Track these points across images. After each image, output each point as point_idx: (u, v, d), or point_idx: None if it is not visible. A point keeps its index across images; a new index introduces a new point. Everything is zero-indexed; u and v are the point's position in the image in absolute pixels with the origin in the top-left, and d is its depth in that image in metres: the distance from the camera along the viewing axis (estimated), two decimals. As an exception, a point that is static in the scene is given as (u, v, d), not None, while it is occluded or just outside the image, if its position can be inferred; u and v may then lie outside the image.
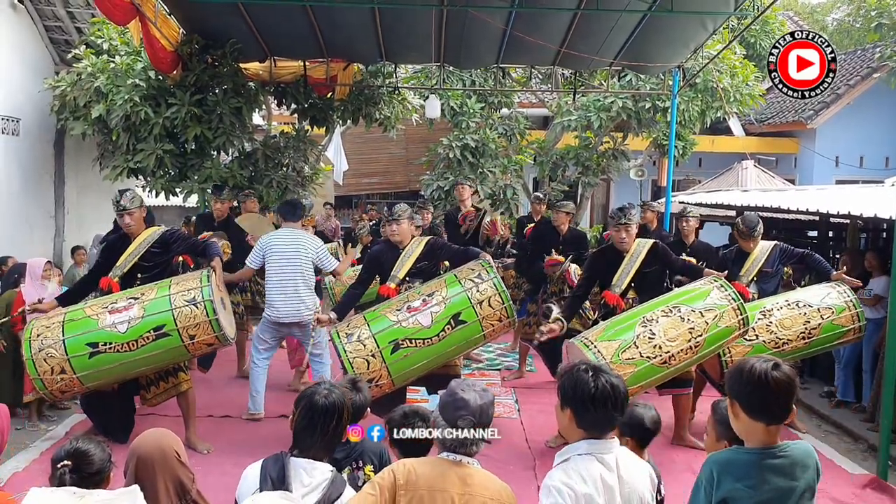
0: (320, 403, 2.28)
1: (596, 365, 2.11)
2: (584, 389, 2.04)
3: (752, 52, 14.26)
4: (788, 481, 2.04)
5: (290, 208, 5.68)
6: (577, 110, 10.42)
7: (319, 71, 8.49)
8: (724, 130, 14.35)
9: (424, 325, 4.38)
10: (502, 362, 7.51)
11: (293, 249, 5.40)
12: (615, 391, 2.04)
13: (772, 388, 2.03)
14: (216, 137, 7.55)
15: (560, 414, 2.11)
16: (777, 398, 2.04)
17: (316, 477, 2.23)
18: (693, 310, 4.39)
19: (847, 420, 6.63)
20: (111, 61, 7.79)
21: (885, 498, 4.42)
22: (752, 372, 2.03)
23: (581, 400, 2.04)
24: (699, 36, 7.39)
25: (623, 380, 2.12)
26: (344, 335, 4.42)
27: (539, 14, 7.02)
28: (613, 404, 2.04)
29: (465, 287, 4.51)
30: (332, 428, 2.30)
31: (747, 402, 2.06)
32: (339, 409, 2.31)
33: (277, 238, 5.51)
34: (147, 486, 2.31)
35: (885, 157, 13.38)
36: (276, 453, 2.33)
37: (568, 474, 2.02)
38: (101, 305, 4.42)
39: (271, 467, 2.24)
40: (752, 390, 2.03)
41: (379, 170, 14.58)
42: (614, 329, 4.38)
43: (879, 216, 5.73)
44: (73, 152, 9.42)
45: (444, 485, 2.15)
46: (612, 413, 2.05)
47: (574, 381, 2.07)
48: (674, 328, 4.30)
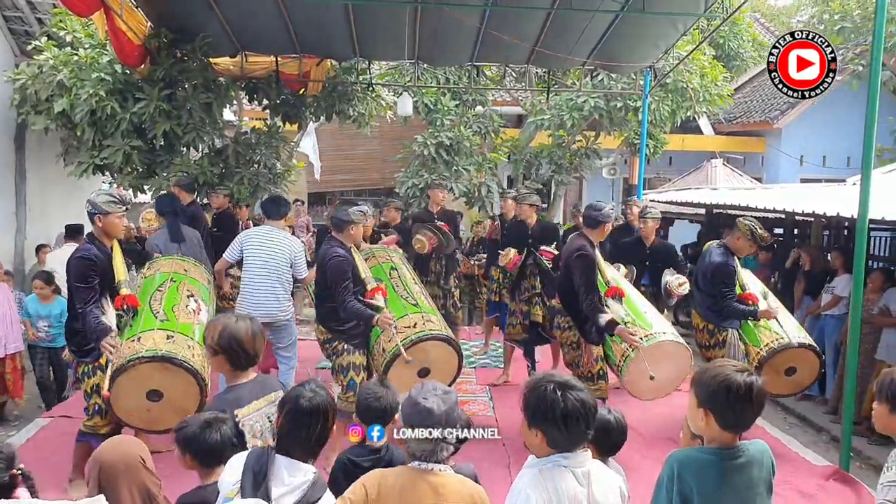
0: (305, 406, 2.25)
1: (562, 381, 2.03)
2: (553, 410, 1.97)
3: (721, 53, 14.53)
4: (747, 480, 2.11)
5: (273, 206, 5.52)
6: (551, 109, 10.48)
7: (292, 66, 8.39)
8: (693, 129, 14.57)
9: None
10: (477, 360, 7.53)
11: (273, 248, 5.27)
12: (585, 407, 1.99)
13: (752, 404, 2.05)
14: (186, 133, 7.40)
15: (528, 433, 2.04)
16: (754, 412, 2.09)
17: (297, 477, 2.21)
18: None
19: (811, 413, 6.82)
20: (75, 54, 7.56)
21: (847, 489, 4.53)
22: (736, 388, 2.02)
23: (552, 420, 1.98)
24: (670, 36, 7.49)
25: (590, 391, 2.07)
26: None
27: (513, 12, 7.04)
28: (585, 421, 1.99)
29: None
30: (317, 430, 2.27)
31: (722, 415, 2.07)
32: (325, 411, 2.29)
33: (257, 235, 5.39)
34: (111, 494, 2.28)
35: (847, 157, 13.72)
36: (263, 447, 2.32)
37: (538, 484, 1.99)
38: (183, 312, 4.32)
39: (255, 462, 2.22)
40: (732, 405, 2.04)
41: (353, 166, 14.49)
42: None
43: (842, 214, 5.89)
44: (35, 147, 9.13)
45: (417, 495, 2.14)
46: (584, 430, 2.01)
47: (542, 402, 2.00)
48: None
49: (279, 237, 5.34)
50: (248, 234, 5.48)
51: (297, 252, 5.37)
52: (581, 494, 2.00)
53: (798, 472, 4.78)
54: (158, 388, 3.94)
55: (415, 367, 4.53)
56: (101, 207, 4.07)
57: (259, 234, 5.41)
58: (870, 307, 6.26)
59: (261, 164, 8.46)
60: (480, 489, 2.29)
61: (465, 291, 8.35)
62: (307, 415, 2.25)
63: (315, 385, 2.34)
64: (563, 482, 1.99)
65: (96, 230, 4.15)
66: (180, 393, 3.96)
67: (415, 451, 2.21)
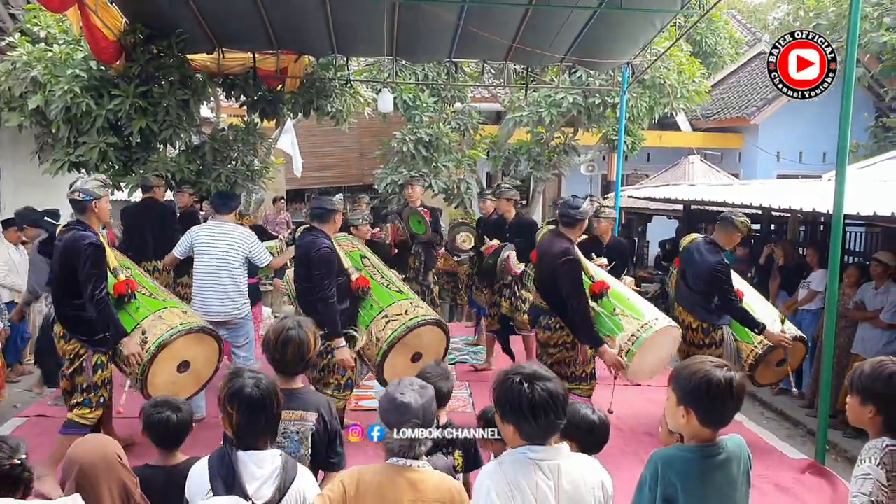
0: (256, 396, 2.25)
1: (529, 372, 2.03)
2: (521, 402, 1.98)
3: (699, 50, 14.66)
4: (728, 475, 2.13)
5: (221, 200, 5.36)
6: (529, 106, 10.50)
7: (269, 63, 8.31)
8: (671, 126, 14.70)
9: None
10: (456, 356, 7.54)
11: (222, 244, 5.09)
12: (553, 397, 1.99)
13: (733, 401, 2.06)
14: (162, 130, 7.31)
15: (501, 426, 2.06)
16: (734, 409, 2.10)
17: (266, 467, 2.21)
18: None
19: (787, 407, 6.91)
20: (49, 50, 7.45)
21: (823, 481, 4.60)
22: (716, 383, 2.03)
23: (521, 412, 1.99)
24: (647, 33, 7.53)
25: (560, 382, 2.06)
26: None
27: (491, 9, 7.03)
28: (555, 411, 1.99)
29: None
30: (273, 415, 2.29)
31: (704, 413, 2.08)
32: (274, 392, 2.31)
33: (206, 231, 5.20)
34: (90, 493, 2.25)
35: (823, 153, 13.93)
36: (219, 449, 2.29)
37: (497, 476, 2.00)
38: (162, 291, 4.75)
39: (218, 465, 2.21)
40: (713, 401, 2.05)
41: (332, 163, 14.42)
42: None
43: (818, 210, 5.97)
44: (8, 144, 8.99)
45: (395, 492, 2.14)
46: (555, 420, 2.01)
47: (510, 395, 2.01)
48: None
49: (229, 232, 5.16)
50: (197, 230, 5.27)
51: (251, 243, 5.20)
52: (547, 487, 1.99)
53: (775, 466, 4.85)
54: (188, 359, 4.36)
55: (409, 352, 4.56)
56: (95, 192, 4.10)
57: (207, 229, 5.23)
58: (846, 301, 6.36)
59: (238, 161, 8.39)
60: (459, 485, 2.29)
61: (445, 289, 8.34)
62: (259, 402, 2.25)
63: (248, 373, 2.33)
64: (525, 475, 1.99)
65: (90, 216, 4.13)
66: (204, 361, 4.44)
67: (392, 448, 2.21)
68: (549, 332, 4.84)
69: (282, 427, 2.62)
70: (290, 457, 2.33)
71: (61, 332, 4.18)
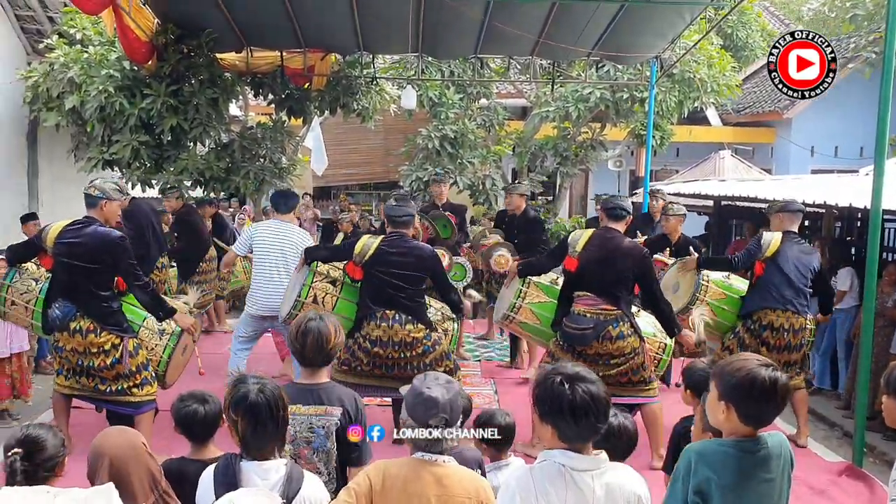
0: (262, 402, 2.21)
1: (572, 373, 1.99)
2: (561, 403, 1.93)
3: (729, 43, 14.35)
4: (767, 472, 2.07)
5: (282, 199, 5.53)
6: (556, 101, 10.40)
7: (297, 61, 8.38)
8: (701, 120, 14.45)
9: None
10: (482, 353, 7.52)
11: (281, 243, 5.30)
12: (595, 400, 1.94)
13: (777, 400, 2.01)
14: (192, 128, 7.46)
15: (539, 426, 2.01)
16: (776, 409, 2.05)
17: (271, 477, 2.19)
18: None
19: (823, 407, 6.75)
20: (84, 51, 7.68)
21: (860, 484, 4.49)
22: (760, 382, 1.99)
23: (561, 414, 1.94)
24: (676, 26, 7.41)
25: (603, 385, 2.00)
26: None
27: (517, 4, 6.99)
28: (595, 414, 1.94)
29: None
30: (279, 420, 2.25)
31: (745, 410, 2.04)
32: (279, 397, 2.27)
33: (267, 229, 5.42)
34: (123, 484, 2.28)
35: (860, 147, 13.54)
36: (225, 458, 2.29)
37: (525, 483, 1.96)
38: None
39: (222, 475, 2.20)
40: (756, 399, 2.01)
41: (358, 160, 14.47)
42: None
43: (854, 206, 5.82)
44: (46, 143, 9.24)
45: (421, 487, 2.12)
46: (595, 424, 1.95)
47: (550, 395, 1.96)
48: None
49: (287, 231, 5.36)
50: (258, 227, 5.49)
51: (308, 243, 5.38)
52: (577, 498, 1.94)
53: (810, 468, 4.74)
54: (188, 345, 4.69)
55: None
56: (109, 193, 4.28)
57: (268, 228, 5.44)
58: (884, 300, 6.18)
59: (267, 158, 8.49)
60: (485, 482, 2.27)
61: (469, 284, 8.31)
62: (267, 409, 2.21)
63: (252, 379, 2.29)
64: (555, 482, 1.94)
65: (97, 213, 4.25)
66: (190, 346, 4.75)
67: (419, 442, 2.20)
68: (620, 342, 4.40)
69: (308, 422, 2.63)
70: (318, 451, 2.32)
71: (90, 327, 4.17)
